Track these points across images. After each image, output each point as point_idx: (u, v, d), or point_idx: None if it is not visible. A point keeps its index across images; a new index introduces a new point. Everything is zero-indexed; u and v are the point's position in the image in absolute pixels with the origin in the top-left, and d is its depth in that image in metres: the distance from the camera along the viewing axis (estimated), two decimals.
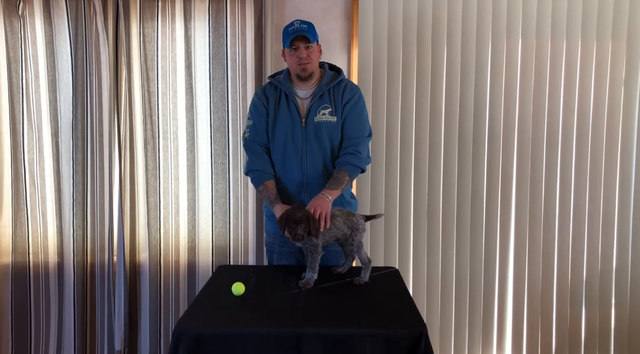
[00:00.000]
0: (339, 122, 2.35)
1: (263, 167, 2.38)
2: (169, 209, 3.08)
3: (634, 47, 2.99)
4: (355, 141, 2.34)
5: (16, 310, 3.12)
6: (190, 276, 3.11)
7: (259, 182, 2.36)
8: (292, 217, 2.01)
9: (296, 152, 2.34)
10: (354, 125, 2.36)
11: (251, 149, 2.41)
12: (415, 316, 1.76)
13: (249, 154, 2.43)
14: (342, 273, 2.23)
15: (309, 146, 2.33)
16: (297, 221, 1.99)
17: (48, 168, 3.07)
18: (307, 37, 2.27)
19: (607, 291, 3.12)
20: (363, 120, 2.40)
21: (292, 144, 2.35)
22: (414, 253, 3.11)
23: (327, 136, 2.34)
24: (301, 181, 2.35)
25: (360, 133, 2.36)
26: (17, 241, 3.09)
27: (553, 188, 3.07)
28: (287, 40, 2.29)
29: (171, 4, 2.98)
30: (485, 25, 3.00)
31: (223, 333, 1.67)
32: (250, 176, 2.42)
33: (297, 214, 2.01)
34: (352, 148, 2.33)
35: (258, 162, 2.39)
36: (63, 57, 3.01)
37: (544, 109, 3.04)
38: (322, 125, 2.33)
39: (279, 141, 2.37)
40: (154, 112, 3.03)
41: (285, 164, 2.37)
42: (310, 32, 2.29)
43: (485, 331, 3.13)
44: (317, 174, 2.34)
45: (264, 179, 2.35)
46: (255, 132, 2.41)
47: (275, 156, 2.39)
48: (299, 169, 2.35)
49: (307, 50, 2.28)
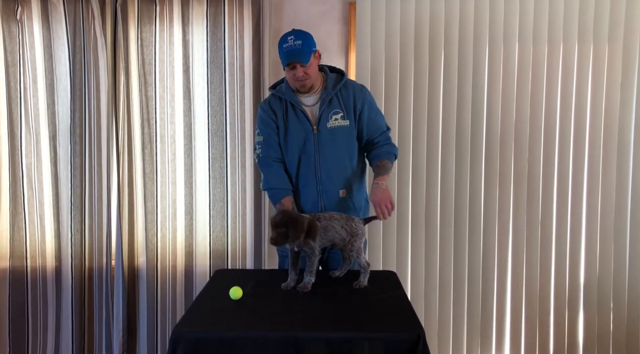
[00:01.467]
0: (352, 125, 2.36)
1: (279, 184, 2.37)
2: (166, 213, 3.08)
3: (630, 50, 3.00)
4: (384, 135, 2.42)
5: (14, 314, 3.11)
6: (187, 280, 3.10)
7: (277, 200, 2.36)
8: (273, 221, 2.00)
9: (309, 160, 2.34)
10: (374, 124, 2.41)
11: (266, 165, 2.40)
12: (413, 320, 1.76)
13: (264, 171, 2.42)
14: (340, 277, 2.23)
15: (322, 153, 2.33)
16: (275, 225, 1.98)
17: (46, 172, 3.07)
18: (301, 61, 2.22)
19: (605, 294, 3.12)
20: (380, 116, 2.47)
21: (305, 152, 2.34)
22: (412, 257, 3.11)
23: (342, 141, 2.35)
24: (316, 188, 2.35)
25: (383, 128, 2.44)
26: (15, 245, 3.09)
27: (550, 192, 3.08)
28: (283, 60, 2.26)
29: (169, 8, 2.98)
30: (483, 29, 3.01)
31: (221, 337, 1.67)
32: (268, 194, 2.43)
33: (277, 218, 2.00)
34: (384, 141, 2.40)
35: (274, 179, 2.38)
36: (61, 61, 3.01)
37: (541, 112, 3.05)
38: (336, 130, 2.33)
39: (292, 151, 2.37)
40: (152, 116, 3.04)
41: (300, 173, 2.37)
42: (305, 51, 2.22)
43: (483, 335, 3.13)
44: (332, 180, 2.35)
45: (281, 196, 2.35)
46: (268, 147, 2.39)
47: (290, 166, 2.39)
48: (313, 177, 2.35)
49: (303, 68, 2.24)
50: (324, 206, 2.35)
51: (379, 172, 2.31)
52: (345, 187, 2.37)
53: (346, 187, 2.37)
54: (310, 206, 2.36)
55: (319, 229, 2.07)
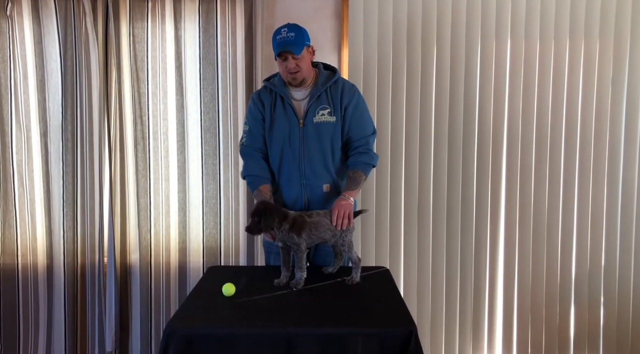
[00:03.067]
0: (338, 123, 2.35)
1: (258, 172, 2.38)
2: (159, 210, 3.07)
3: (620, 45, 3.02)
4: (364, 140, 2.37)
5: (5, 312, 3.09)
6: (181, 276, 3.10)
7: (254, 187, 2.36)
8: (252, 210, 2.08)
9: (294, 154, 2.34)
10: (358, 125, 2.37)
11: (247, 154, 2.42)
12: (405, 316, 1.77)
13: (245, 159, 2.43)
14: (333, 273, 2.24)
15: (307, 147, 2.33)
16: (251, 214, 2.06)
17: (37, 169, 3.05)
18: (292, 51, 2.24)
19: (596, 289, 3.14)
20: (366, 119, 2.42)
21: (290, 146, 2.34)
22: (404, 253, 3.12)
23: (327, 136, 2.34)
24: (300, 183, 2.35)
25: (366, 132, 2.39)
26: (6, 243, 3.07)
27: (542, 188, 3.10)
28: (275, 50, 2.28)
29: (161, 4, 2.97)
30: (475, 25, 3.02)
31: (214, 333, 1.67)
32: (247, 181, 2.43)
33: (254, 207, 2.09)
34: (363, 147, 2.36)
35: (254, 167, 2.39)
36: (52, 57, 2.99)
37: (533, 108, 3.06)
38: (322, 125, 2.33)
39: (276, 143, 2.37)
40: (144, 112, 3.02)
41: (283, 167, 2.37)
42: (297, 42, 2.23)
43: (475, 330, 3.15)
44: (316, 174, 2.35)
45: (259, 183, 2.35)
46: (252, 137, 2.41)
47: (273, 159, 2.39)
48: (297, 171, 2.35)
49: (295, 60, 2.25)
50: (307, 201, 2.35)
51: (349, 186, 2.29)
52: (329, 182, 2.37)
53: (330, 182, 2.37)
54: (293, 200, 2.36)
55: (306, 225, 2.09)
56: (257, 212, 2.05)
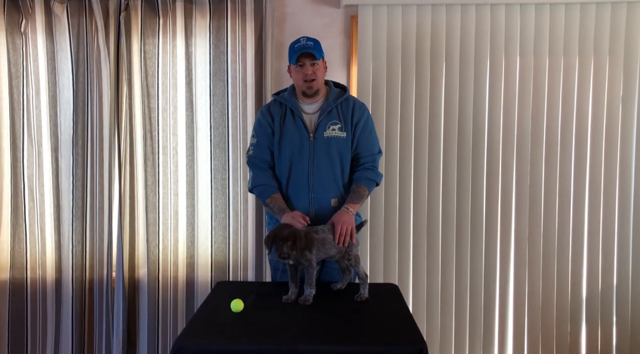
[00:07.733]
0: (348, 138, 2.37)
1: (268, 182, 2.38)
2: (168, 224, 3.07)
3: (631, 63, 3.01)
4: (371, 157, 2.40)
5: (13, 326, 3.09)
6: (189, 292, 3.09)
7: (266, 196, 2.35)
8: (279, 235, 2.00)
9: (303, 167, 2.35)
10: (367, 142, 2.41)
11: (255, 165, 2.42)
12: (415, 333, 1.75)
13: (253, 170, 2.43)
14: (342, 289, 2.22)
15: (316, 161, 2.34)
16: (284, 239, 1.98)
17: (47, 184, 3.07)
18: (313, 54, 2.29)
19: (608, 308, 3.10)
20: (374, 137, 2.45)
21: (299, 159, 2.35)
22: (413, 269, 3.10)
23: (336, 151, 2.35)
24: (308, 196, 2.35)
25: (373, 150, 2.42)
26: (15, 257, 3.08)
27: (552, 205, 3.07)
28: (293, 56, 2.32)
29: (172, 20, 3.00)
30: (484, 42, 3.03)
31: (221, 350, 1.66)
32: (256, 192, 2.41)
33: (284, 232, 2.01)
34: (369, 164, 2.39)
35: (263, 177, 2.39)
36: (64, 73, 3.03)
37: (542, 126, 3.05)
38: (332, 140, 2.35)
39: (285, 156, 2.37)
40: (154, 128, 3.05)
41: (292, 180, 2.37)
42: (317, 49, 2.32)
43: (485, 349, 3.11)
44: (324, 188, 2.35)
45: (271, 192, 2.35)
46: (260, 150, 2.42)
47: (282, 172, 2.39)
48: (306, 184, 2.35)
49: (312, 67, 2.30)
50: (315, 215, 2.33)
51: (352, 199, 2.31)
52: (337, 197, 2.37)
53: (338, 197, 2.37)
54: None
55: (315, 241, 2.08)
56: (287, 237, 1.98)
